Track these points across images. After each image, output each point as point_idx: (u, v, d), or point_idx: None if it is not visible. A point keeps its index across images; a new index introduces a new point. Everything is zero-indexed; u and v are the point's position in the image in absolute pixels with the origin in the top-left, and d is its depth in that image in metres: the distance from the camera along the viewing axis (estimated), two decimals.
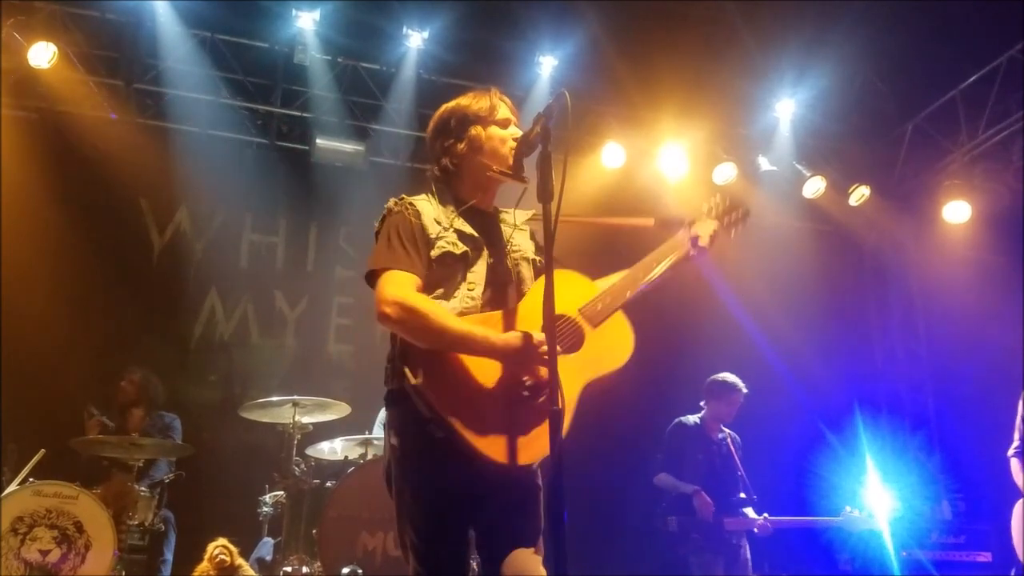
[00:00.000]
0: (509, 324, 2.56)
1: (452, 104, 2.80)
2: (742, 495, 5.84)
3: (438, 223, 2.63)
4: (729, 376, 6.07)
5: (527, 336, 2.47)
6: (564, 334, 2.60)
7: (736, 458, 6.01)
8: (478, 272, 2.62)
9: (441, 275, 2.59)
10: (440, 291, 2.60)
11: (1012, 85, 7.46)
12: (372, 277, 2.57)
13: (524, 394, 2.48)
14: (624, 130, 8.01)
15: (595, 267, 2.83)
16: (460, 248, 2.60)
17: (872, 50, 7.20)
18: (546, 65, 7.59)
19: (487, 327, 2.51)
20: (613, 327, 2.66)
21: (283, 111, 7.64)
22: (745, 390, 6.02)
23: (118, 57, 7.10)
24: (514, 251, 2.75)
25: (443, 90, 7.78)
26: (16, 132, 6.89)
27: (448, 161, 2.74)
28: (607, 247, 3.03)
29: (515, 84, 7.76)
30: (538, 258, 2.77)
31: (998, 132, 7.73)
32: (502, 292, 2.66)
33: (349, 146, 7.62)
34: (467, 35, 7.39)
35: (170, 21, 6.98)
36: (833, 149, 8.64)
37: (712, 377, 6.13)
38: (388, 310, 2.46)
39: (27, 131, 6.98)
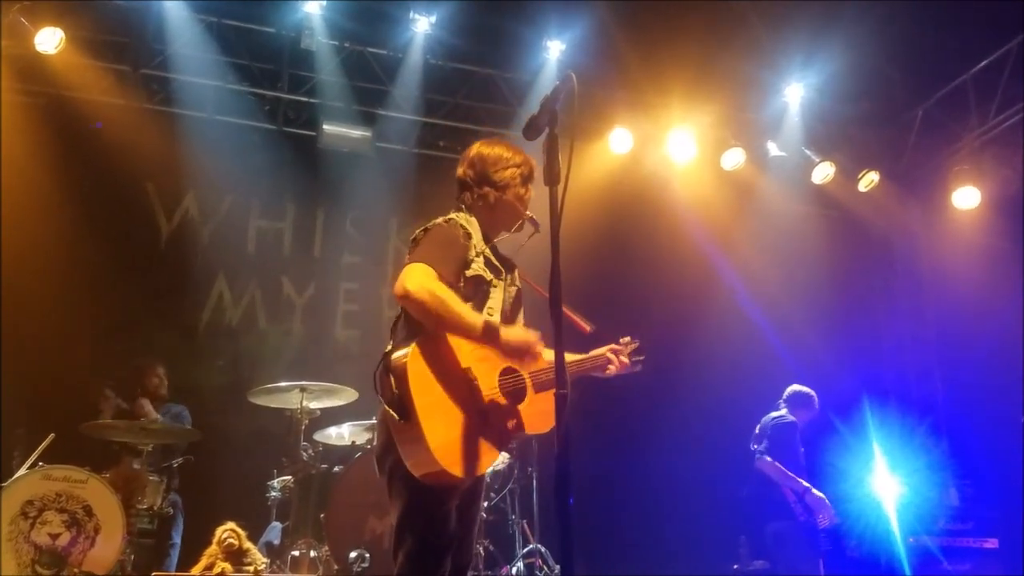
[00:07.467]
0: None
1: (507, 153, 3.06)
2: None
3: (474, 248, 2.91)
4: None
5: (530, 333, 2.85)
6: (512, 387, 2.86)
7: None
8: (496, 299, 2.92)
9: (468, 294, 2.84)
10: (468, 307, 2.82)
11: (1023, 70, 7.40)
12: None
13: (503, 400, 2.80)
14: (632, 115, 7.97)
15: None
16: (489, 275, 2.91)
17: (882, 34, 7.12)
18: (553, 50, 7.55)
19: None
20: (546, 398, 2.81)
21: (290, 97, 7.61)
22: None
23: (125, 42, 7.10)
24: (514, 285, 3.07)
25: (450, 75, 7.77)
26: (24, 117, 6.88)
27: (493, 194, 3.01)
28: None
29: (522, 68, 7.73)
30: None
31: (1008, 117, 7.67)
32: (510, 321, 2.99)
33: (356, 132, 7.61)
34: (474, 20, 7.35)
35: (176, 6, 6.97)
36: (842, 134, 8.57)
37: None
38: (414, 290, 2.65)
39: (34, 116, 6.97)
